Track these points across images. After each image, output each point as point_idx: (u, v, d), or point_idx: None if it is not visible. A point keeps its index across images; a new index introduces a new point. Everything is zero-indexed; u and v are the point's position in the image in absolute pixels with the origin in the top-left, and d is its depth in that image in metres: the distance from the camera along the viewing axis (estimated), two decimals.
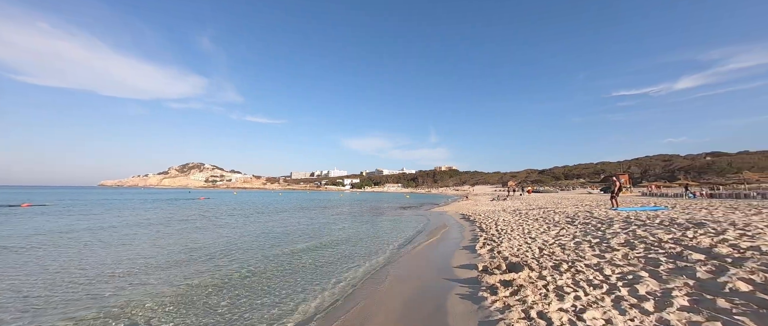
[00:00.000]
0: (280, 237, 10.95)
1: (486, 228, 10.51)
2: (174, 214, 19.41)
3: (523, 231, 8.89)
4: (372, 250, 8.57)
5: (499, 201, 30.76)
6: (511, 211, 16.35)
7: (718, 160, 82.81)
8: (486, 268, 5.20)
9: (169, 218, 16.95)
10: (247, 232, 11.94)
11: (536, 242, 7.13)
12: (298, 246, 9.13)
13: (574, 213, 11.70)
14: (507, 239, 7.85)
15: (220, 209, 25.06)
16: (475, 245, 7.79)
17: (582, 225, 8.66)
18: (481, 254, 6.66)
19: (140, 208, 24.58)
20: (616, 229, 7.43)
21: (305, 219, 17.59)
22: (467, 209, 21.81)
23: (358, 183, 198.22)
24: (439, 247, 8.42)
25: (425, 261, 6.93)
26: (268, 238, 10.51)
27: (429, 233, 11.48)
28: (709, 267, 3.89)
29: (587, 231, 7.76)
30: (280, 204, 33.66)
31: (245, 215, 19.82)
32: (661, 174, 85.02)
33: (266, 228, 13.50)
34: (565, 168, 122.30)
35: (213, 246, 9.12)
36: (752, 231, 5.57)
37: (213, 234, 11.29)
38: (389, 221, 16.53)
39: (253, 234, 11.58)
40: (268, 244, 9.43)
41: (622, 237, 6.35)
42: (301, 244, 9.40)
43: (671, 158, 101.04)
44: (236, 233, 11.77)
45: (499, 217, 13.21)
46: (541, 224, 9.97)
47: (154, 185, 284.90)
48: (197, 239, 10.34)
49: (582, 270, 4.55)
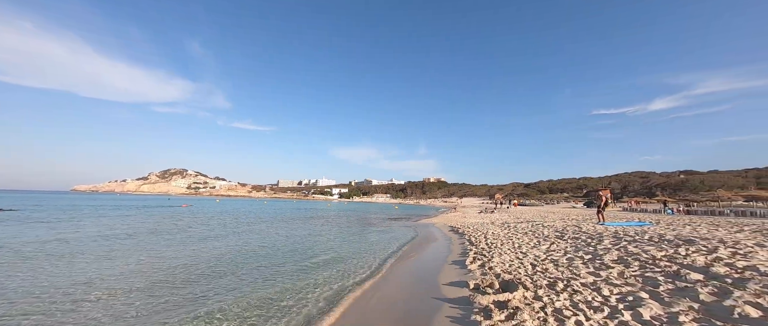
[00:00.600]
0: (256, 251, 10.18)
1: (476, 242, 10.22)
2: (143, 224, 17.69)
3: (513, 246, 8.65)
4: (357, 266, 8.08)
5: (486, 214, 30.77)
6: (499, 224, 16.20)
7: (691, 178, 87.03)
8: (478, 286, 4.86)
9: (136, 229, 15.21)
10: (222, 247, 10.66)
11: (528, 257, 6.87)
12: (277, 262, 8.44)
13: (562, 228, 11.61)
14: (498, 254, 7.56)
15: (197, 218, 23.81)
16: (465, 260, 7.45)
17: (572, 240, 8.50)
18: (471, 270, 6.32)
19: (108, 216, 22.95)
20: (607, 245, 7.28)
21: (288, 230, 16.82)
22: (456, 221, 21.57)
23: (346, 193, 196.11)
24: (427, 262, 8.04)
25: (413, 277, 6.52)
26: (245, 255, 9.45)
27: (417, 246, 11.08)
28: (712, 289, 3.69)
29: (578, 246, 7.59)
30: (264, 213, 32.44)
31: (223, 225, 18.80)
32: (640, 190, 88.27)
33: (245, 240, 12.69)
34: (549, 182, 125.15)
35: (178, 268, 7.48)
36: (743, 250, 5.50)
37: (180, 251, 9.67)
38: (377, 233, 16.03)
39: (229, 249, 10.35)
40: (244, 261, 8.46)
41: (615, 254, 6.17)
42: (280, 260, 8.74)
43: (648, 175, 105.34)
44: (208, 249, 10.21)
45: (489, 230, 12.99)
46: (530, 238, 9.78)
47: (132, 191, 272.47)
48: (160, 257, 8.76)
49: (579, 289, 4.27)
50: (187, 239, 12.24)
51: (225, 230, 15.82)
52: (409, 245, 11.45)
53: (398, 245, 11.54)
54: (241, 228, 16.69)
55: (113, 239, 11.85)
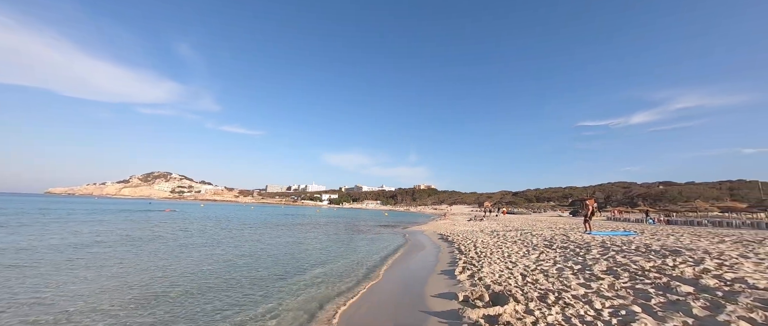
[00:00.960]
0: (234, 262, 9.60)
1: (465, 251, 10.06)
2: (114, 231, 16.20)
3: (503, 255, 8.52)
4: (342, 275, 7.77)
5: (476, 222, 30.83)
6: (488, 232, 16.15)
7: (670, 189, 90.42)
8: (467, 299, 4.66)
9: (106, 237, 13.65)
10: (196, 257, 9.75)
11: (517, 267, 6.74)
12: (255, 275, 7.71)
13: (551, 237, 11.61)
14: (487, 263, 7.40)
15: (176, 224, 22.84)
16: (454, 269, 7.26)
17: (561, 250, 8.46)
18: (460, 280, 6.13)
19: (78, 221, 21.58)
20: (596, 255, 7.25)
21: (272, 238, 16.25)
22: (445, 229, 21.45)
23: (336, 198, 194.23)
24: (416, 272, 7.80)
25: (401, 289, 6.27)
26: (220, 267, 8.70)
27: (406, 255, 10.83)
28: (704, 303, 3.61)
29: (567, 256, 7.53)
30: (249, 219, 31.50)
31: (202, 231, 17.96)
32: (622, 200, 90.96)
33: (223, 249, 12.09)
34: (536, 191, 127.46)
35: (139, 285, 6.35)
36: (729, 261, 5.52)
37: (149, 263, 8.54)
38: (365, 241, 15.69)
39: (204, 260, 9.40)
40: (217, 275, 7.38)
41: (604, 264, 6.11)
42: (259, 272, 8.14)
43: (630, 185, 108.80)
44: (182, 259, 9.27)
45: (478, 238, 12.88)
46: (520, 247, 9.70)
47: (112, 194, 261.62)
48: (122, 270, 7.63)
49: (571, 303, 4.13)
50: (159, 248, 11.39)
51: (203, 237, 15.06)
52: (398, 254, 11.19)
53: (386, 254, 11.27)
54: (221, 235, 15.99)
55: (75, 248, 10.63)
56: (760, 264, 5.21)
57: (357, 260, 9.86)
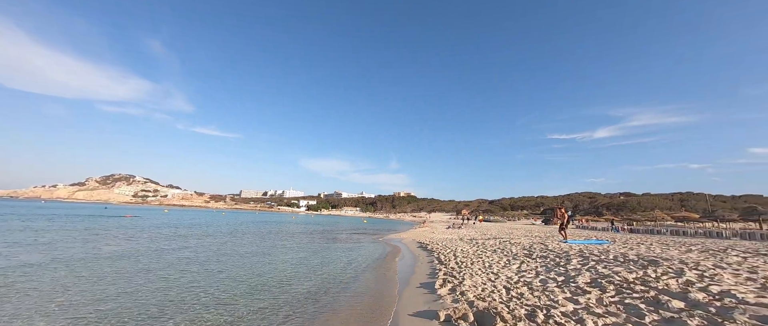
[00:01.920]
0: (175, 280, 8.55)
1: (445, 261, 9.63)
2: (41, 239, 13.75)
3: (484, 265, 8.17)
4: (309, 292, 7.01)
5: (454, 229, 30.88)
6: (467, 240, 15.94)
7: (630, 199, 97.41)
8: (449, 319, 4.15)
9: (26, 247, 11.34)
10: (129, 272, 8.39)
11: (500, 279, 6.36)
12: (205, 294, 7.06)
13: (529, 245, 11.52)
14: (469, 275, 6.97)
15: (126, 231, 20.64)
16: (434, 282, 6.76)
17: (541, 259, 8.26)
18: (441, 295, 5.62)
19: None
20: (577, 265, 7.07)
21: (234, 247, 14.96)
22: (424, 237, 21.08)
23: (314, 205, 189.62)
24: (392, 286, 7.21)
25: (373, 305, 5.65)
26: (157, 287, 7.22)
27: (382, 265, 10.22)
28: (700, 322, 3.34)
29: (548, 266, 7.30)
30: (215, 226, 29.34)
31: (153, 239, 16.08)
32: (588, 209, 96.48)
33: (169, 261, 10.83)
34: (511, 199, 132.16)
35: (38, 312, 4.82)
36: (708, 272, 5.47)
37: (63, 280, 6.87)
38: (339, 250, 14.87)
39: (137, 275, 7.99)
40: (146, 301, 5.83)
41: (588, 276, 5.88)
42: (202, 293, 7.33)
43: (595, 195, 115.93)
44: (109, 274, 7.65)
45: (457, 247, 12.54)
46: (500, 256, 9.43)
47: (64, 198, 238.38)
48: (22, 291, 5.84)
49: (561, 322, 3.74)
50: (89, 259, 9.93)
51: (152, 244, 13.47)
52: (374, 265, 10.54)
53: (361, 265, 10.58)
54: (173, 245, 14.24)
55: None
56: (738, 275, 5.18)
57: (326, 274, 9.09)
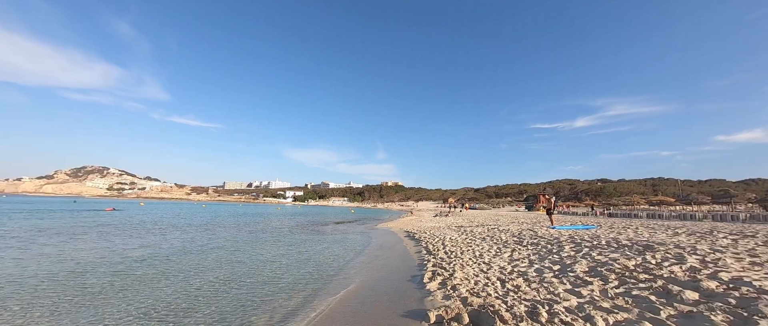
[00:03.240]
0: (132, 287, 7.72)
1: (433, 251, 9.19)
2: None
3: (474, 254, 7.76)
4: (287, 293, 6.36)
5: (442, 217, 30.87)
6: (455, 228, 15.68)
7: (607, 186, 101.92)
8: (441, 320, 3.61)
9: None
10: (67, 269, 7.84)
11: (493, 269, 5.93)
12: (142, 303, 6.22)
13: (519, 232, 11.29)
14: (459, 266, 6.51)
15: (87, 225, 19.17)
16: (422, 275, 6.26)
17: (532, 246, 7.94)
18: (431, 291, 5.11)
19: None
20: (570, 252, 6.76)
21: (207, 240, 14.02)
22: (412, 225, 20.76)
23: (301, 196, 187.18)
24: (378, 282, 6.67)
25: (358, 306, 5.07)
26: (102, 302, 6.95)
27: (368, 258, 9.68)
28: (725, 317, 2.94)
29: (541, 254, 6.95)
30: (190, 219, 27.85)
31: (104, 236, 14.97)
32: (569, 195, 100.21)
33: (124, 255, 9.89)
34: (495, 187, 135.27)
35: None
36: (709, 257, 5.21)
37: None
38: (322, 243, 14.23)
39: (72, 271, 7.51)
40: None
41: (585, 264, 5.53)
42: (150, 295, 6.53)
43: (574, 182, 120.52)
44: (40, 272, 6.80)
45: (446, 236, 12.18)
46: (490, 244, 9.08)
47: (30, 192, 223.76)
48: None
49: (568, 320, 3.27)
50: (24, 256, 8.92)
51: (102, 243, 12.24)
52: (359, 258, 9.99)
53: (345, 258, 10.01)
54: (131, 241, 13.17)
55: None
56: (741, 259, 4.93)
57: (306, 271, 8.45)
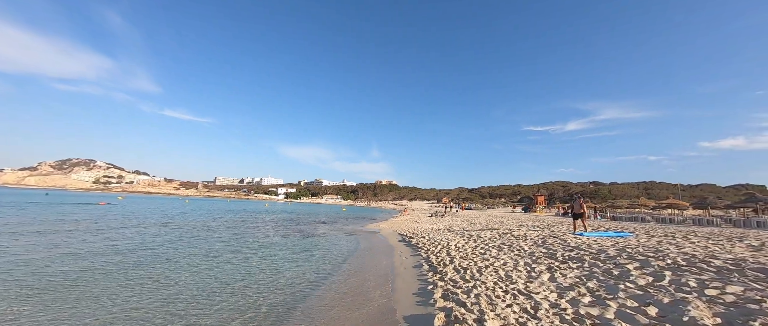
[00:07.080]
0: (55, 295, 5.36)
1: (437, 264, 7.01)
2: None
3: (497, 273, 5.60)
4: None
5: (438, 218, 28.79)
6: (457, 231, 13.56)
7: (600, 188, 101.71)
8: None
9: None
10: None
11: (542, 309, 3.76)
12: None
13: (540, 239, 9.19)
14: (485, 300, 4.30)
15: (38, 224, 16.58)
16: (427, 313, 4.07)
17: (575, 262, 5.80)
18: None
19: None
20: (646, 276, 4.63)
21: (169, 241, 11.70)
22: (407, 227, 18.58)
23: (293, 193, 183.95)
24: (358, 321, 4.47)
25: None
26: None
27: (342, 280, 7.46)
28: None
29: (597, 276, 4.81)
30: (167, 215, 25.25)
31: (41, 234, 12.53)
32: (563, 197, 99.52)
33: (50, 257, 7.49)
34: (490, 187, 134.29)
35: None
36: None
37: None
38: (292, 249, 11.92)
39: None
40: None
41: (697, 300, 3.39)
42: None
43: (567, 184, 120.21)
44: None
45: (450, 242, 10.00)
46: (511, 257, 6.94)
47: (11, 184, 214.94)
48: None
49: None
50: None
51: (42, 239, 9.95)
52: (328, 279, 7.76)
53: (297, 288, 7.78)
54: (76, 239, 10.91)
55: None
56: None
57: (253, 300, 6.22)
